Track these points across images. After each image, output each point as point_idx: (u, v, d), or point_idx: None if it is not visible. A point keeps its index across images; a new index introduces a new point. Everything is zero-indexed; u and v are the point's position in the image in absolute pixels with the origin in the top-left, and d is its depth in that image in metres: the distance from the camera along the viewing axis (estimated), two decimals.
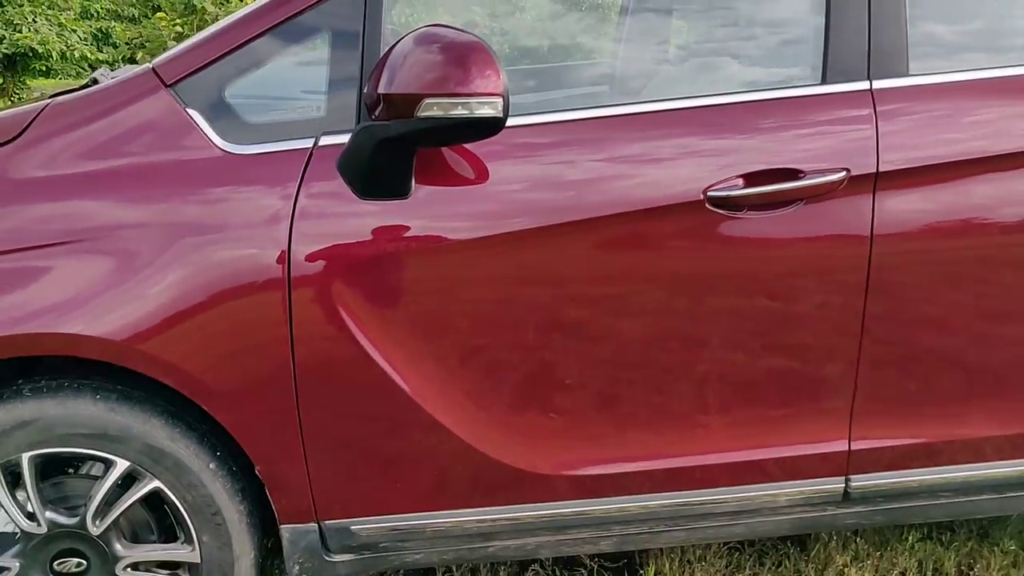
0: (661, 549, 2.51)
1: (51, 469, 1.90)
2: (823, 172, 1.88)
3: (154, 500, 1.92)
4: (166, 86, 1.84)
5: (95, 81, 2.23)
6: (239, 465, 1.93)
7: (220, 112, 1.83)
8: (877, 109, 1.93)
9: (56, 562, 1.91)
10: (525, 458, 1.95)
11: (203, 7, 20.75)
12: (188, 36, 13.89)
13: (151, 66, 1.88)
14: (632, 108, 1.95)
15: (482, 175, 1.85)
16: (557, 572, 2.45)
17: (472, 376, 1.89)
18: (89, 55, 19.23)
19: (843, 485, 2.09)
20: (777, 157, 1.90)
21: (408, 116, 1.66)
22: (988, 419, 2.08)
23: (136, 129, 1.81)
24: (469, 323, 1.87)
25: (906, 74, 1.96)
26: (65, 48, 18.28)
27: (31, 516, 1.86)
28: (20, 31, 17.25)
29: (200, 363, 1.79)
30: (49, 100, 1.89)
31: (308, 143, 1.83)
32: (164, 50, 10.16)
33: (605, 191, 1.85)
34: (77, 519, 1.87)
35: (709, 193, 1.86)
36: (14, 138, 1.81)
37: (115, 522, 1.89)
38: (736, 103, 1.95)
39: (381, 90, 1.68)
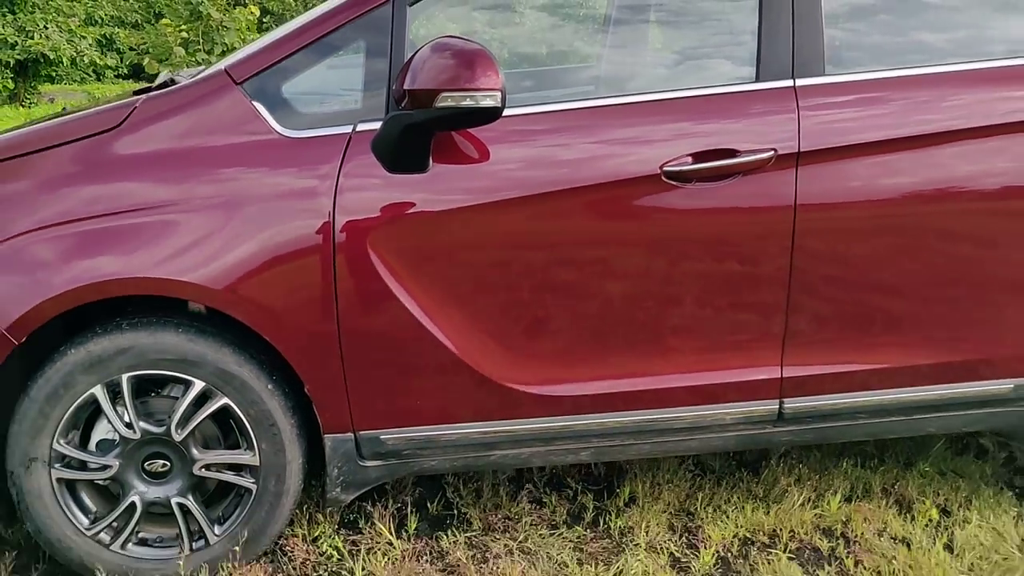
0: (635, 472, 3.00)
1: (142, 391, 2.38)
2: (755, 151, 2.38)
3: (222, 415, 2.39)
4: (236, 84, 2.33)
5: (172, 81, 2.71)
6: (291, 387, 2.42)
7: (278, 104, 2.32)
8: (799, 102, 2.42)
9: (146, 463, 2.39)
10: (521, 380, 2.44)
11: (208, 13, 21.19)
12: (194, 41, 14.18)
13: (224, 68, 2.37)
14: (604, 101, 2.45)
15: (484, 155, 2.34)
16: (548, 492, 2.93)
17: (476, 312, 2.38)
18: (98, 60, 19.74)
19: (778, 407, 2.58)
20: (719, 139, 2.39)
21: (427, 106, 2.16)
22: (893, 352, 2.57)
23: (213, 118, 2.30)
24: (472, 270, 2.36)
25: (823, 74, 2.46)
26: (75, 54, 18.78)
27: (128, 425, 2.34)
28: (32, 37, 17.72)
29: (265, 303, 2.28)
30: (143, 95, 2.38)
31: (348, 129, 2.32)
32: (171, 54, 10.51)
33: (582, 167, 2.34)
34: (163, 428, 2.36)
35: (665, 168, 2.36)
36: (117, 125, 2.30)
37: (192, 431, 2.37)
38: (689, 96, 2.44)
39: (406, 87, 2.17)
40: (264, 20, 26.76)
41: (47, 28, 18.18)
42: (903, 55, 2.61)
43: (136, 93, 2.67)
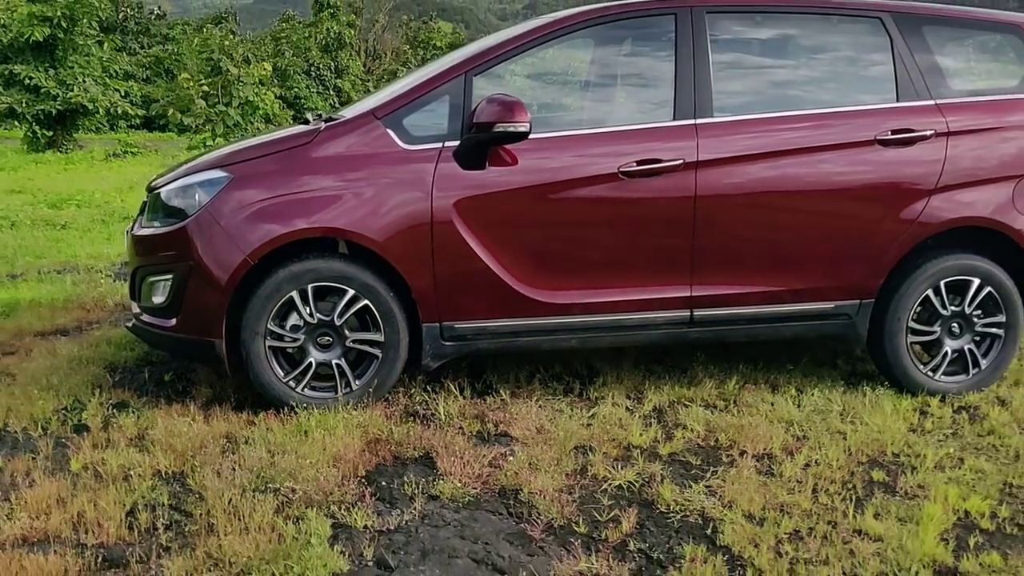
0: (606, 370, 4.72)
1: (318, 296, 4.09)
2: (672, 160, 4.15)
3: (362, 311, 4.10)
4: (377, 118, 4.10)
5: (308, 120, 4.48)
6: (402, 294, 4.13)
7: (400, 130, 4.09)
8: (698, 132, 4.20)
9: (318, 338, 4.10)
10: (535, 292, 4.16)
11: (227, 69, 23.15)
12: (213, 95, 16.18)
13: (369, 109, 4.13)
14: (586, 131, 4.23)
15: (516, 160, 4.10)
16: (550, 380, 4.64)
17: (510, 250, 4.11)
18: (130, 111, 21.66)
19: (689, 314, 4.32)
20: (651, 153, 4.16)
21: (488, 132, 3.92)
22: (759, 281, 4.32)
23: (364, 138, 4.07)
24: (508, 226, 4.10)
25: (712, 116, 4.24)
26: (109, 105, 20.67)
27: (311, 315, 4.05)
28: (72, 90, 19.60)
29: (393, 245, 4.01)
30: (324, 123, 4.13)
31: (440, 144, 4.08)
32: (193, 105, 12.64)
33: (575, 168, 4.11)
34: (329, 318, 4.07)
35: (620, 169, 4.13)
36: (310, 141, 4.06)
37: (346, 320, 4.09)
38: (634, 129, 4.23)
39: (475, 120, 3.95)
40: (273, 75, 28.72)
41: (85, 81, 20.09)
42: (757, 105, 4.40)
43: (301, 121, 4.44)
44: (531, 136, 4.02)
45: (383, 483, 3.46)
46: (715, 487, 3.50)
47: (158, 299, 4.18)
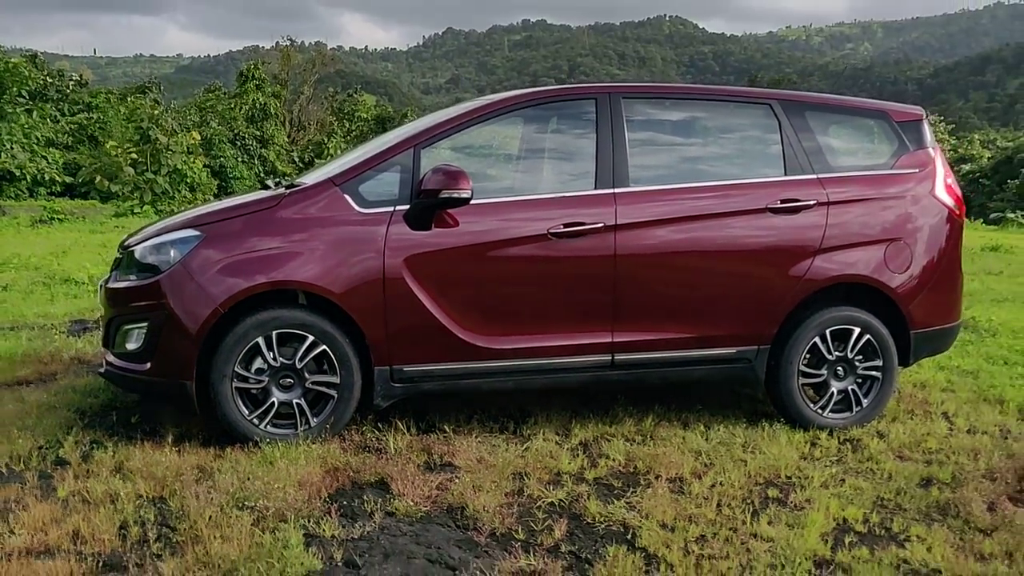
0: (536, 412, 5.26)
1: (280, 342, 4.57)
2: (594, 223, 4.77)
3: (320, 355, 4.59)
4: (335, 185, 4.64)
5: (266, 186, 5.01)
6: (356, 341, 4.64)
7: (356, 195, 4.64)
8: (617, 198, 4.84)
9: (280, 380, 4.57)
10: (476, 338, 4.70)
11: (157, 138, 23.48)
12: (142, 162, 16.83)
13: (328, 177, 4.67)
14: (519, 197, 4.84)
15: (457, 222, 4.67)
16: (487, 420, 5.16)
17: (452, 301, 4.65)
18: (57, 178, 21.78)
19: (611, 358, 4.91)
20: (576, 217, 4.78)
21: (434, 198, 4.50)
22: (670, 329, 4.94)
23: (324, 202, 4.60)
24: (450, 279, 4.65)
25: (628, 186, 4.89)
26: (37, 171, 20.78)
27: (274, 359, 4.53)
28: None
29: (350, 296, 4.52)
30: (285, 190, 4.66)
31: (391, 208, 4.63)
32: (122, 172, 13.33)
33: (509, 228, 4.70)
34: (291, 362, 4.55)
35: (550, 231, 4.73)
36: (276, 204, 4.58)
37: (306, 363, 4.57)
38: (561, 196, 4.85)
39: (423, 187, 4.52)
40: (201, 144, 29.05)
41: (12, 148, 20.21)
42: (666, 177, 5.07)
43: (262, 186, 4.96)
44: (472, 202, 4.60)
45: (344, 502, 3.93)
46: (634, 503, 4.05)
47: (132, 345, 4.61)
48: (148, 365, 4.54)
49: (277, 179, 5.44)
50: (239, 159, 41.40)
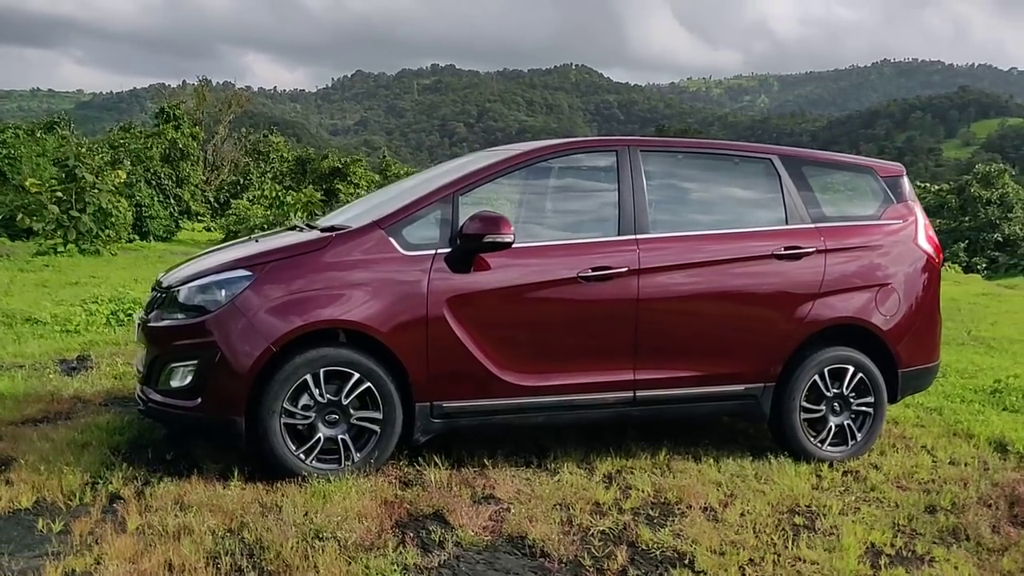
0: (558, 446, 5.50)
1: (326, 379, 4.73)
2: (619, 267, 5.09)
3: (364, 392, 4.76)
4: (380, 228, 4.86)
5: (296, 226, 5.19)
6: (400, 378, 4.83)
7: (400, 238, 4.85)
8: (639, 244, 5.17)
9: (326, 416, 4.73)
10: (511, 376, 4.94)
11: (83, 176, 23.00)
12: (67, 200, 16.55)
13: (373, 220, 4.88)
14: (554, 242, 5.12)
15: (497, 264, 4.92)
16: (513, 455, 5.38)
17: (490, 339, 4.89)
18: None
19: (633, 395, 5.20)
20: (603, 262, 5.08)
21: (478, 242, 4.75)
22: (686, 366, 5.26)
23: (369, 244, 4.81)
24: (488, 319, 4.89)
25: (648, 232, 5.23)
26: None
27: (320, 395, 4.69)
28: None
29: (395, 335, 4.72)
30: (333, 233, 4.85)
31: (433, 251, 4.86)
32: (45, 210, 13.34)
33: (543, 271, 4.98)
34: (337, 398, 4.71)
35: (579, 274, 5.03)
36: (324, 247, 4.76)
37: (352, 400, 4.74)
38: (589, 242, 5.15)
39: (465, 232, 4.77)
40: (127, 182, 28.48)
41: None
42: (680, 224, 5.41)
43: (294, 227, 5.14)
44: (515, 246, 4.88)
45: (411, 533, 4.11)
46: (678, 531, 4.33)
47: (178, 383, 4.71)
48: (198, 401, 4.64)
49: (300, 221, 5.61)
50: (155, 198, 40.69)
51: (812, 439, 5.56)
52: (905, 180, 6.02)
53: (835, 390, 5.57)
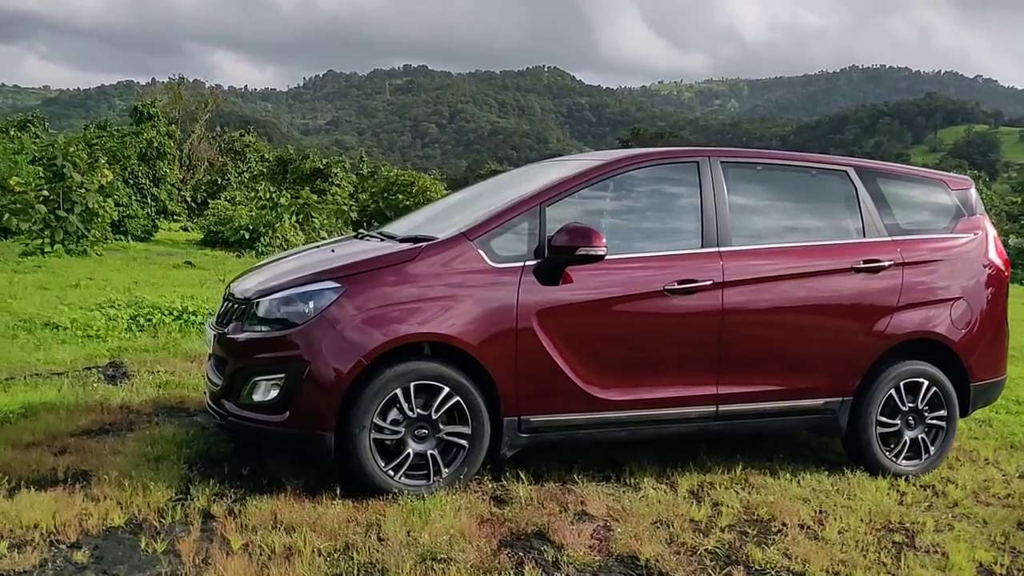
0: (629, 460, 5.42)
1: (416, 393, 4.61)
2: (704, 280, 5.02)
3: (450, 407, 4.66)
4: (469, 240, 4.75)
5: (359, 235, 5.09)
6: (488, 391, 4.72)
7: (488, 250, 4.75)
8: (723, 257, 5.11)
9: (416, 431, 4.62)
10: (597, 390, 4.86)
11: (72, 175, 22.63)
12: (54, 200, 16.30)
13: (462, 231, 4.77)
14: (642, 254, 5.04)
15: (586, 277, 4.84)
16: (592, 470, 5.29)
17: (577, 353, 4.80)
18: None
19: (715, 409, 5.13)
20: (688, 275, 5.02)
21: (570, 254, 4.66)
22: (769, 381, 5.21)
23: (459, 256, 4.70)
24: (576, 331, 4.80)
25: (731, 245, 5.17)
26: None
27: (410, 409, 4.58)
28: None
29: (485, 349, 4.62)
30: (423, 244, 4.74)
31: (521, 263, 4.77)
32: (32, 209, 13.18)
33: (631, 284, 4.90)
34: (428, 412, 4.61)
35: (665, 287, 4.95)
36: (414, 258, 4.65)
37: (441, 414, 4.63)
38: (675, 254, 5.08)
39: (556, 244, 4.68)
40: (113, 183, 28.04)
41: None
42: (761, 237, 5.35)
43: (357, 235, 5.03)
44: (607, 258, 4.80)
45: (520, 552, 4.01)
46: (785, 549, 4.26)
47: (262, 397, 4.58)
48: (285, 416, 4.51)
49: (362, 230, 5.51)
50: (132, 198, 40.15)
51: (887, 453, 5.52)
52: (974, 193, 6.01)
53: (910, 404, 5.54)
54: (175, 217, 45.33)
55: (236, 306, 4.91)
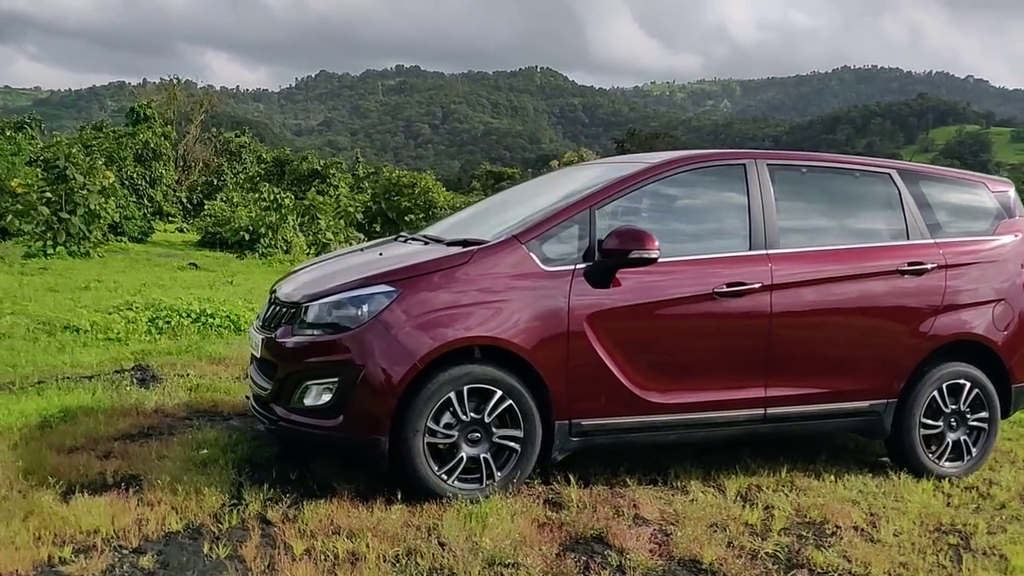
0: (672, 463, 5.41)
1: (469, 399, 4.59)
2: (753, 283, 5.01)
3: (502, 411, 4.64)
4: (521, 243, 4.73)
5: (401, 237, 5.08)
6: (539, 394, 4.70)
7: (540, 253, 4.73)
8: (770, 259, 5.10)
9: (469, 434, 4.59)
10: (647, 393, 4.84)
11: (74, 176, 22.53)
12: (56, 201, 16.24)
13: (514, 234, 4.75)
14: (692, 257, 5.02)
15: (636, 279, 4.82)
16: (640, 473, 5.27)
17: (628, 355, 4.79)
18: None
19: (764, 412, 5.12)
20: (737, 277, 5.01)
21: (622, 257, 4.65)
22: (817, 383, 5.20)
23: (511, 259, 4.68)
24: (628, 334, 4.79)
25: (778, 247, 5.16)
26: None
27: (464, 413, 4.55)
28: None
29: (538, 352, 4.60)
30: (475, 247, 4.71)
31: (572, 266, 4.75)
32: (35, 211, 13.17)
33: (683, 286, 4.89)
34: (480, 416, 4.59)
35: (714, 290, 4.94)
36: (467, 262, 4.63)
37: (494, 418, 4.61)
38: (724, 257, 5.07)
39: (609, 247, 4.67)
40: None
41: None
42: (807, 240, 5.34)
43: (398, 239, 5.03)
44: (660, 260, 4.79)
45: (583, 557, 3.99)
46: (844, 552, 4.26)
47: (314, 401, 4.55)
48: (339, 420, 4.48)
49: (402, 232, 5.51)
50: (129, 199, 39.99)
51: (930, 455, 5.52)
52: (1014, 194, 6.02)
53: (952, 406, 5.54)
54: (171, 218, 45.16)
55: (283, 309, 4.89)
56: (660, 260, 4.85)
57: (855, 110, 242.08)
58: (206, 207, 35.15)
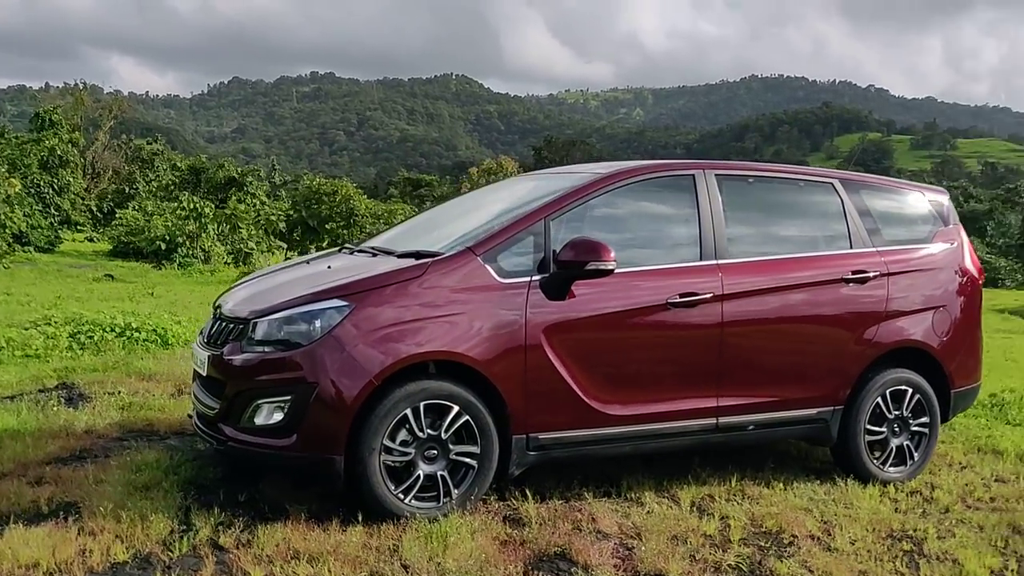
0: (633, 475, 5.39)
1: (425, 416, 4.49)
2: (704, 293, 5.02)
3: (459, 427, 4.55)
4: (476, 255, 4.65)
5: (345, 248, 4.96)
6: (496, 409, 4.62)
7: (495, 265, 4.66)
8: (720, 269, 5.12)
9: (425, 452, 4.49)
10: (603, 406, 4.80)
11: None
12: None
13: (468, 247, 4.67)
14: (643, 268, 5.01)
15: (591, 291, 4.78)
16: (594, 486, 5.23)
17: (584, 368, 4.74)
18: None
19: (716, 421, 5.13)
20: (689, 287, 5.01)
21: (579, 268, 4.61)
22: (766, 392, 5.23)
23: (466, 272, 4.59)
24: (583, 346, 4.74)
25: (728, 257, 5.18)
26: None
27: (420, 430, 4.45)
28: None
29: (495, 366, 4.53)
30: (429, 260, 4.61)
31: (528, 278, 4.69)
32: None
33: (636, 297, 4.87)
34: (436, 433, 4.49)
35: (668, 300, 4.94)
36: (420, 275, 4.53)
37: (451, 435, 4.51)
38: (675, 267, 5.07)
39: (563, 259, 4.62)
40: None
41: None
42: (754, 249, 5.37)
43: (343, 249, 4.90)
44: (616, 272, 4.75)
45: (552, 575, 3.93)
46: (803, 562, 4.28)
47: (265, 420, 4.40)
48: (292, 440, 4.34)
49: (345, 244, 5.38)
50: (35, 208, 38.60)
51: (875, 461, 5.61)
52: (948, 203, 6.17)
53: (896, 412, 5.64)
54: (79, 227, 43.74)
55: (229, 325, 4.72)
56: (618, 271, 4.83)
57: (763, 118, 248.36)
58: (118, 216, 34.16)
